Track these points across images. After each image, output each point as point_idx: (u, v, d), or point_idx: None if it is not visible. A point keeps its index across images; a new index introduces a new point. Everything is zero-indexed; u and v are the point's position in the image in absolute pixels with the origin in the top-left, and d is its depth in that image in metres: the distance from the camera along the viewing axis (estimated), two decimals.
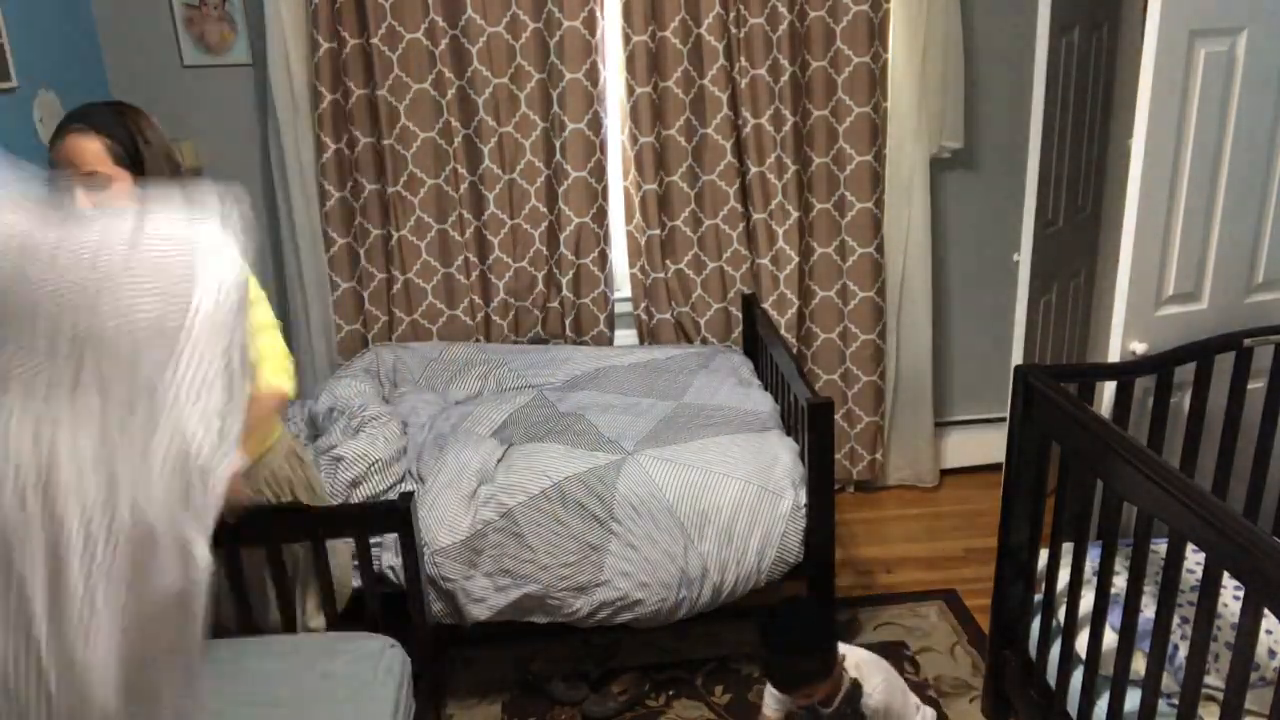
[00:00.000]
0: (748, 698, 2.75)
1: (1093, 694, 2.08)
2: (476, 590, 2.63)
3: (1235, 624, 1.96)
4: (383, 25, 3.28)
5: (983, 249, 3.81)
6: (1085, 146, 3.29)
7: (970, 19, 3.52)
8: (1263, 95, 2.29)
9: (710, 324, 3.65)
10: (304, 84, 3.34)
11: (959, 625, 3.05)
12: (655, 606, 2.63)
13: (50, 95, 2.99)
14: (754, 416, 2.98)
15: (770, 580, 2.71)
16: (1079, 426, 2.06)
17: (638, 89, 3.37)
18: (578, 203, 3.46)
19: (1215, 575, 1.66)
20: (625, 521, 2.63)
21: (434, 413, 3.12)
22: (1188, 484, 1.72)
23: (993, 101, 3.64)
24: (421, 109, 3.38)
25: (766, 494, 2.68)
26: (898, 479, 3.94)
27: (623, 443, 2.82)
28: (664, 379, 3.28)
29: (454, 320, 3.59)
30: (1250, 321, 2.47)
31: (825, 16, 3.36)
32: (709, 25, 3.33)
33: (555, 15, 3.29)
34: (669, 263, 3.59)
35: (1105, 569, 2.02)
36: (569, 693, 2.76)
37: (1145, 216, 2.29)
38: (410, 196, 3.46)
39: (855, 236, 3.57)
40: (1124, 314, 2.36)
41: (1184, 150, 2.28)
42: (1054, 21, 2.79)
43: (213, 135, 3.46)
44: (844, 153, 3.50)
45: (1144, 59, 2.19)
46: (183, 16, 3.33)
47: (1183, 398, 2.50)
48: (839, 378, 3.74)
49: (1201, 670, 1.72)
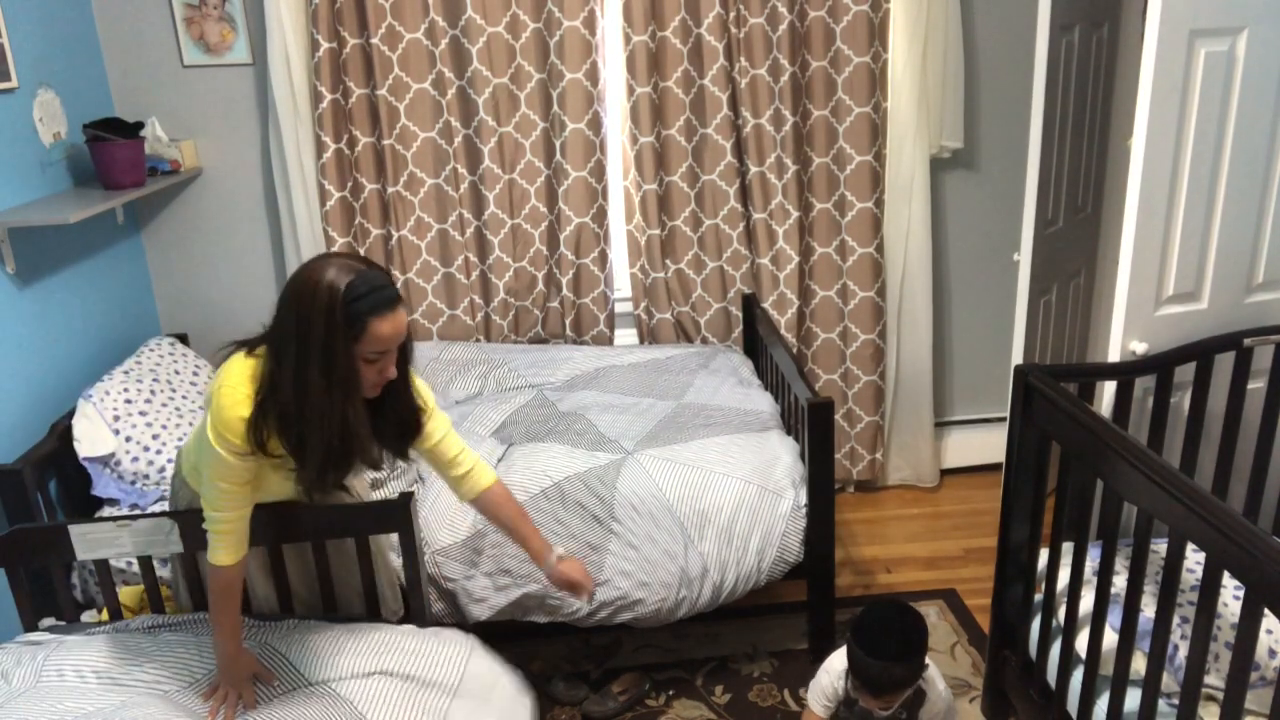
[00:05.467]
0: (748, 698, 2.75)
1: (1093, 694, 2.09)
2: (477, 590, 2.63)
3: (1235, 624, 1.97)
4: (383, 25, 3.28)
5: (983, 249, 3.81)
6: (1085, 146, 3.28)
7: (970, 19, 3.53)
8: (1263, 95, 2.29)
9: (710, 324, 3.65)
10: (304, 84, 3.34)
11: (959, 625, 3.05)
12: (655, 606, 2.63)
13: (50, 95, 2.99)
14: (754, 416, 2.98)
15: (770, 580, 2.71)
16: (1079, 426, 2.06)
17: (638, 89, 3.37)
18: (578, 203, 3.46)
19: (1215, 575, 1.66)
20: (625, 521, 2.63)
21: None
22: (1188, 484, 1.72)
23: (993, 101, 3.65)
24: (421, 109, 3.38)
25: (766, 494, 2.68)
26: (898, 479, 3.94)
27: (623, 442, 2.82)
28: (664, 379, 3.29)
29: (454, 320, 3.59)
30: (1250, 321, 2.47)
31: (825, 16, 3.36)
32: (709, 25, 3.33)
33: (555, 15, 3.29)
34: (669, 262, 3.59)
35: (1105, 569, 2.02)
36: (569, 693, 2.76)
37: (1145, 216, 2.29)
38: (410, 196, 3.46)
39: (855, 236, 3.57)
40: (1124, 314, 2.36)
41: (1184, 150, 2.28)
42: (1054, 21, 2.79)
43: (213, 135, 3.47)
44: (844, 153, 3.50)
45: (1144, 59, 2.19)
46: (183, 16, 3.33)
47: (1183, 398, 2.50)
48: (839, 378, 3.74)
49: (1201, 670, 1.72)
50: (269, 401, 1.74)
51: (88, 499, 2.84)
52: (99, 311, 3.21)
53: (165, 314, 3.64)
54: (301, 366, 1.70)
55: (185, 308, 3.63)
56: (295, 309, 1.70)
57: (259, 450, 1.79)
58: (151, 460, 2.80)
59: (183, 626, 2.19)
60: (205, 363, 3.33)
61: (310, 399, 1.72)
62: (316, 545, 2.26)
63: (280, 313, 1.74)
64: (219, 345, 3.64)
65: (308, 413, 1.73)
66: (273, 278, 3.63)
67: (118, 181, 3.03)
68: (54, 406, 2.90)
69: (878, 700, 2.05)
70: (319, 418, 1.73)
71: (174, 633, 2.17)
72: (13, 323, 2.75)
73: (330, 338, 1.68)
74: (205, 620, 2.20)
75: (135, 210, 3.51)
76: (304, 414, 1.73)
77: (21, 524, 2.23)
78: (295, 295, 1.71)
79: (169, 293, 3.61)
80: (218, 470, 1.82)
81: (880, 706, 2.07)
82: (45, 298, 2.91)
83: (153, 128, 3.30)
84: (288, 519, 2.20)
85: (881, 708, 2.07)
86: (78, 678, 2.02)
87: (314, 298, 1.68)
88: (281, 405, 1.74)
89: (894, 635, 2.02)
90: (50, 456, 2.69)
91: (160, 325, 3.64)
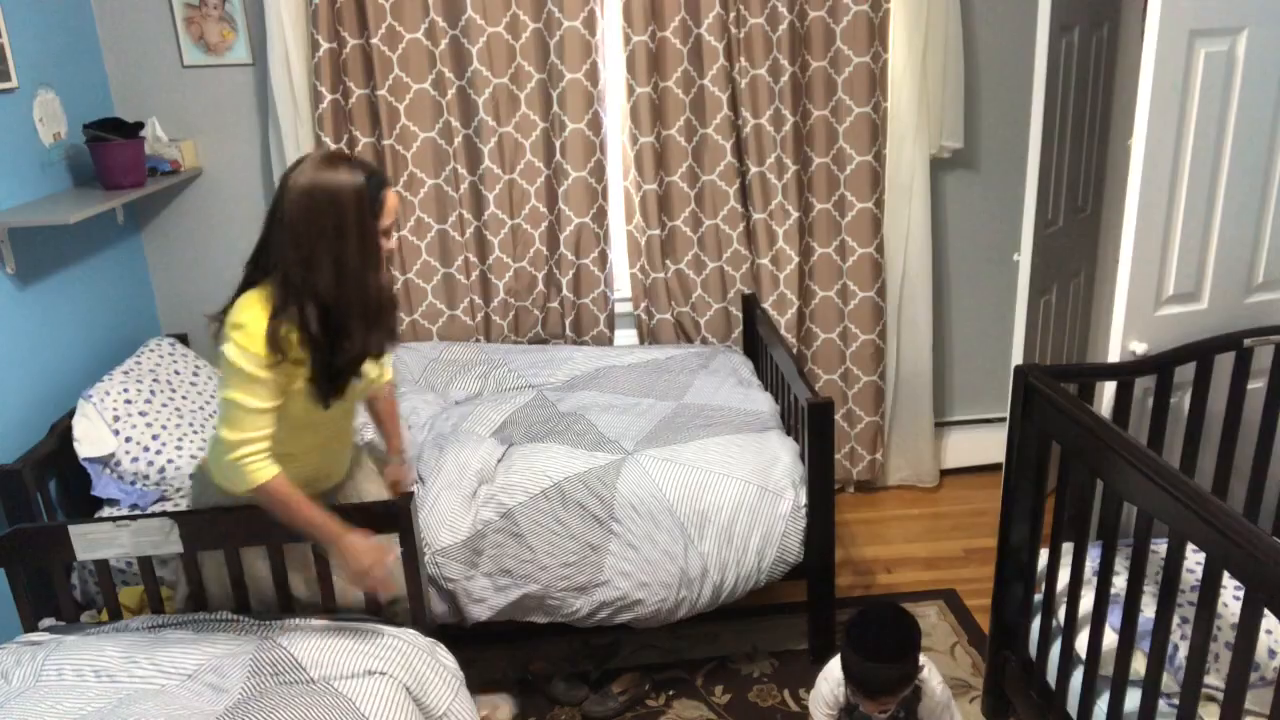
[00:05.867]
0: (748, 698, 2.75)
1: (1093, 694, 2.09)
2: (477, 590, 2.63)
3: (1235, 624, 1.97)
4: (383, 25, 3.28)
5: (983, 249, 3.81)
6: (1085, 146, 3.28)
7: (970, 19, 3.53)
8: (1263, 95, 2.29)
9: (710, 324, 3.65)
10: (304, 84, 3.34)
11: (959, 625, 3.05)
12: (655, 606, 2.63)
13: (50, 95, 2.99)
14: (754, 416, 2.98)
15: (770, 580, 2.71)
16: (1079, 426, 2.06)
17: (638, 89, 3.37)
18: (578, 203, 3.46)
19: (1215, 575, 1.66)
20: (625, 521, 2.63)
21: (434, 413, 3.12)
22: (1188, 484, 1.72)
23: (993, 101, 3.65)
24: (421, 109, 3.38)
25: (766, 494, 2.68)
26: (898, 479, 3.94)
27: (623, 443, 2.82)
28: (664, 379, 3.29)
29: (454, 320, 3.59)
30: (1250, 321, 2.47)
31: (825, 16, 3.37)
32: (709, 25, 3.33)
33: (555, 15, 3.29)
34: (669, 263, 3.59)
35: (1105, 569, 2.02)
36: (569, 693, 2.76)
37: (1145, 216, 2.29)
38: (410, 196, 3.46)
39: (855, 236, 3.57)
40: (1124, 314, 2.36)
41: (1184, 150, 2.28)
42: (1054, 21, 2.79)
43: (213, 135, 3.47)
44: (844, 153, 3.50)
45: (1144, 59, 2.19)
46: (183, 17, 3.33)
47: (1183, 398, 2.50)
48: (839, 378, 3.74)
49: (1201, 670, 1.71)
50: (289, 310, 1.94)
51: (88, 499, 2.84)
52: (99, 311, 3.21)
53: (165, 314, 3.63)
54: (339, 256, 1.93)
55: (185, 308, 3.63)
56: (322, 214, 1.91)
57: (282, 357, 1.94)
58: (151, 460, 2.80)
59: (183, 626, 2.19)
60: (205, 363, 3.33)
61: (349, 280, 1.95)
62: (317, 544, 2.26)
63: (297, 228, 1.92)
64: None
65: (347, 294, 1.96)
66: None
67: (118, 181, 3.03)
68: (54, 406, 2.90)
69: (874, 702, 2.05)
70: (358, 293, 1.97)
71: (174, 632, 2.17)
72: (13, 323, 2.75)
73: (362, 221, 1.94)
74: (205, 620, 2.20)
75: (135, 210, 3.51)
76: (342, 297, 1.96)
77: (21, 524, 2.23)
78: (317, 205, 1.91)
79: (169, 293, 3.61)
80: (245, 389, 1.94)
81: (878, 709, 2.07)
82: (45, 298, 2.91)
83: (153, 128, 3.30)
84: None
85: (879, 710, 2.07)
86: (77, 678, 2.02)
87: (341, 196, 1.92)
88: (320, 299, 1.94)
89: (887, 637, 2.03)
90: (50, 456, 2.69)
91: (160, 325, 3.64)
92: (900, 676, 2.01)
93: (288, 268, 1.94)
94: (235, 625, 2.18)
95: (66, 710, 1.91)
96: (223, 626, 2.17)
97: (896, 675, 2.00)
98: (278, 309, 1.94)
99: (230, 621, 2.19)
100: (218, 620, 2.20)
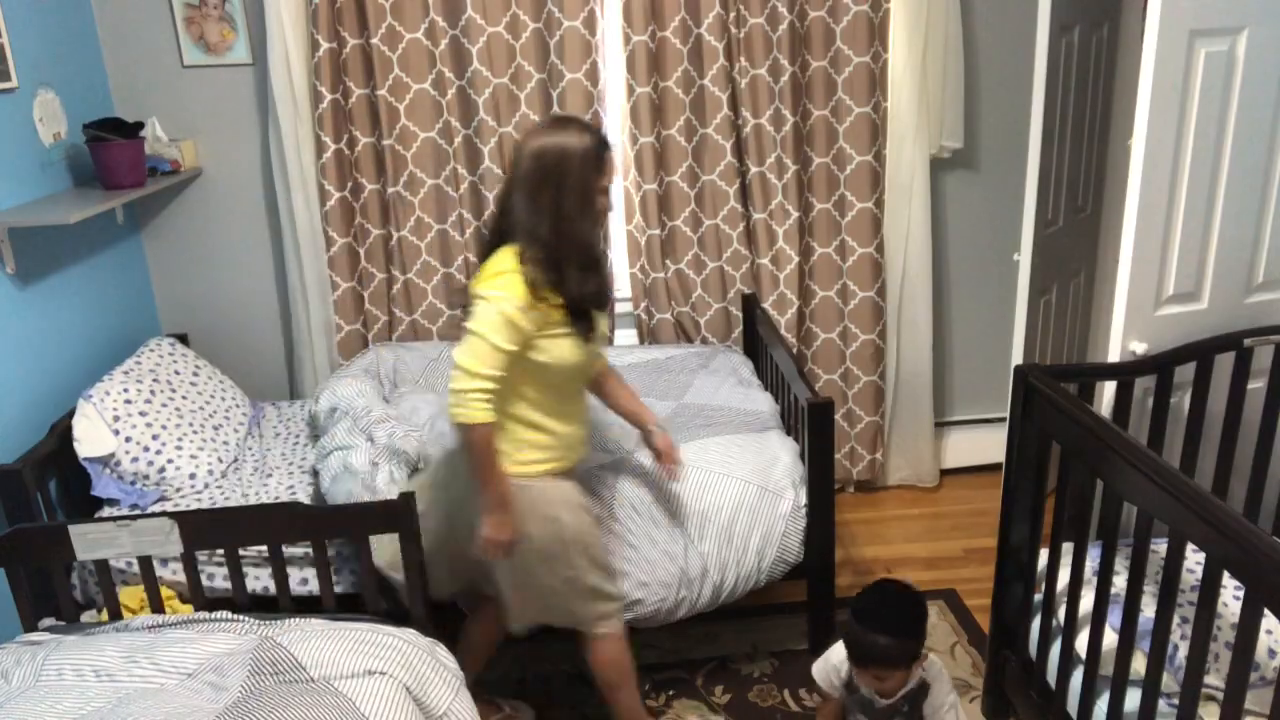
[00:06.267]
0: (748, 698, 2.75)
1: (1093, 694, 2.09)
2: None
3: (1235, 624, 1.97)
4: (383, 25, 3.28)
5: (983, 249, 3.82)
6: (1085, 146, 3.28)
7: (970, 19, 3.53)
8: (1263, 95, 2.29)
9: (710, 324, 3.65)
10: (304, 84, 3.34)
11: (959, 625, 3.05)
12: (655, 606, 2.63)
13: (50, 95, 2.99)
14: (754, 416, 2.98)
15: (770, 580, 2.71)
16: (1079, 426, 2.06)
17: (638, 89, 3.37)
18: None
19: (1215, 575, 1.66)
20: (625, 521, 2.63)
21: (434, 413, 3.12)
22: (1188, 484, 1.72)
23: (993, 101, 3.65)
24: (421, 109, 3.38)
25: (766, 494, 2.68)
26: (898, 479, 3.94)
27: (623, 442, 2.82)
28: (664, 379, 3.29)
29: (454, 320, 3.59)
30: (1250, 321, 2.47)
31: (825, 16, 3.37)
32: (709, 25, 3.33)
33: (555, 15, 3.29)
34: (669, 263, 3.59)
35: (1105, 569, 2.02)
36: (569, 693, 2.76)
37: (1145, 216, 2.29)
38: (410, 196, 3.46)
39: (855, 236, 3.57)
40: (1124, 314, 2.36)
41: (1184, 150, 2.28)
42: (1054, 21, 2.79)
43: (213, 135, 3.47)
44: (844, 153, 3.50)
45: (1144, 59, 2.19)
46: (183, 16, 3.33)
47: (1183, 398, 2.50)
48: (839, 378, 3.74)
49: (1201, 670, 1.72)
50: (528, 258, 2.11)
51: (88, 499, 2.84)
52: (99, 311, 3.21)
53: (165, 314, 3.64)
54: (562, 206, 2.11)
55: (185, 308, 3.63)
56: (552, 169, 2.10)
57: (539, 299, 2.10)
58: (151, 460, 2.80)
59: (183, 626, 2.19)
60: (205, 363, 3.33)
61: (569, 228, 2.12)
62: (317, 544, 2.27)
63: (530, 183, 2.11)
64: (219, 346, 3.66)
65: (566, 243, 2.12)
66: (272, 277, 3.63)
67: (118, 181, 3.03)
68: (54, 406, 2.90)
69: (867, 673, 2.05)
70: (576, 242, 2.14)
71: (174, 632, 2.17)
72: (13, 323, 2.75)
73: (585, 177, 2.12)
74: (205, 620, 2.20)
75: (135, 210, 3.51)
76: (562, 246, 2.12)
77: (21, 524, 2.23)
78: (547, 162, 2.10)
79: (169, 293, 3.61)
80: (494, 328, 2.08)
81: (872, 682, 2.07)
82: (45, 298, 2.91)
83: (153, 128, 3.30)
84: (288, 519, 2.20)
85: (874, 685, 2.07)
86: (77, 677, 2.02)
87: (569, 158, 2.10)
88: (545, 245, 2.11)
89: (888, 608, 2.04)
90: (50, 456, 2.69)
91: (160, 325, 3.64)
92: (892, 651, 2.00)
93: (524, 221, 2.12)
94: (235, 625, 2.18)
95: (66, 710, 1.91)
96: (223, 626, 2.17)
97: (887, 647, 2.00)
98: (522, 257, 2.11)
99: (230, 621, 2.19)
100: (218, 620, 2.20)
